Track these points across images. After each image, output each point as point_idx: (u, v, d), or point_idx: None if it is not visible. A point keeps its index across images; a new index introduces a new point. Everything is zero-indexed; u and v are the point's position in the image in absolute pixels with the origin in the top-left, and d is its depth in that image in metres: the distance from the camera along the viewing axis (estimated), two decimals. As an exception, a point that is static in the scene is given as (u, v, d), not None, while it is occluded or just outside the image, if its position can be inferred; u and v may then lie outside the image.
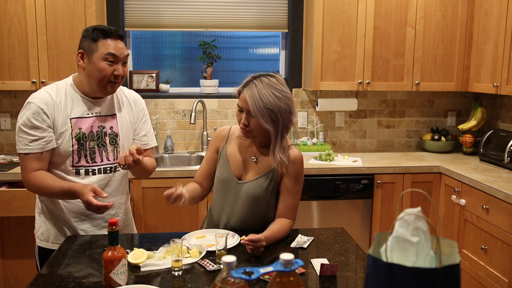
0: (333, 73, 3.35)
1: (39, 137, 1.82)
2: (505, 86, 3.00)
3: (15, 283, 2.97)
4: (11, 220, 2.90)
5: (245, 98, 1.77)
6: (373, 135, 3.83)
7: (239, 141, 1.96)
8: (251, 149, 1.93)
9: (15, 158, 3.27)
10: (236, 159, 1.93)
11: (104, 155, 1.96)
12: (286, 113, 1.79)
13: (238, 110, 1.83)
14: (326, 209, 3.15)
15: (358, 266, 1.67)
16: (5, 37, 3.02)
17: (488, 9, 3.20)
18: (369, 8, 3.30)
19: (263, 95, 1.74)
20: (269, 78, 1.79)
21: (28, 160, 1.84)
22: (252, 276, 1.04)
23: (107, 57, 1.84)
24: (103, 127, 1.95)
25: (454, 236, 2.98)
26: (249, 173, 1.91)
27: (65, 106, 1.88)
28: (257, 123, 1.77)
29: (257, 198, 1.88)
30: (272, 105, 1.75)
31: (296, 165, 1.89)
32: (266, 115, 1.75)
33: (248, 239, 1.65)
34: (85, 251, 1.78)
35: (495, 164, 3.16)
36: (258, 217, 1.92)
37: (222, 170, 1.94)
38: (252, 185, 1.88)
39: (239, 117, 1.83)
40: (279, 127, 1.80)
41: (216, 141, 2.01)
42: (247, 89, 1.78)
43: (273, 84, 1.78)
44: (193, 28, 3.62)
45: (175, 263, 1.56)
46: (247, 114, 1.79)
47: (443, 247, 1.01)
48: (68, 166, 1.90)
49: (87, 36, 1.86)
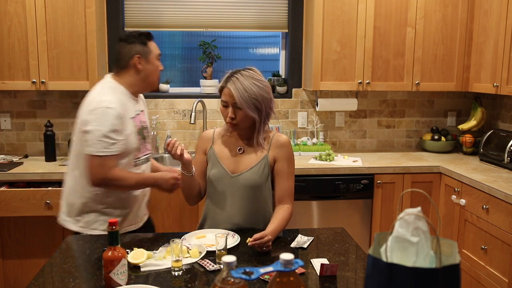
0: (333, 73, 3.35)
1: (120, 140, 1.98)
2: (505, 86, 3.00)
3: (15, 283, 2.97)
4: (11, 220, 2.90)
5: (229, 92, 1.87)
6: (373, 135, 3.83)
7: (224, 138, 2.04)
8: (237, 143, 2.00)
9: (15, 158, 3.27)
10: (225, 155, 1.99)
11: (145, 146, 2.18)
12: (268, 100, 1.92)
13: (223, 106, 1.92)
14: (326, 209, 3.15)
15: (358, 266, 1.67)
16: (5, 37, 3.02)
17: (488, 9, 3.20)
18: (369, 8, 3.30)
19: (246, 86, 1.86)
20: (248, 71, 1.92)
21: (108, 160, 1.96)
22: (252, 276, 1.04)
23: (158, 57, 2.13)
24: (143, 121, 2.17)
25: (454, 236, 2.98)
26: (241, 166, 1.96)
27: (127, 107, 2.06)
28: (244, 114, 1.87)
29: (256, 186, 1.94)
30: (255, 94, 1.87)
31: (286, 148, 1.98)
32: (251, 104, 1.86)
33: (253, 239, 1.68)
34: (85, 251, 1.78)
35: (495, 164, 3.16)
36: (258, 208, 1.96)
37: (214, 168, 1.98)
38: (248, 175, 1.94)
39: (225, 112, 1.92)
40: (263, 115, 1.92)
41: (202, 143, 2.07)
42: (230, 83, 1.88)
43: (252, 75, 1.90)
44: (193, 28, 3.62)
45: (175, 263, 1.56)
46: (233, 107, 1.88)
47: (443, 247, 1.01)
48: (131, 160, 2.08)
49: (136, 42, 2.07)
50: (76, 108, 3.46)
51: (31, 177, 2.91)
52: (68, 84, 3.12)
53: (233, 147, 2.00)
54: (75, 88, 3.14)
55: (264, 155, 1.96)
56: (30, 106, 3.44)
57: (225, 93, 1.89)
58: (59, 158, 3.29)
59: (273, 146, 1.97)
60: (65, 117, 3.48)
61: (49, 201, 2.78)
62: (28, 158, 3.35)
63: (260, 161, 1.95)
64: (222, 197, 1.96)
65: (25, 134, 3.47)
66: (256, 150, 1.97)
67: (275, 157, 1.96)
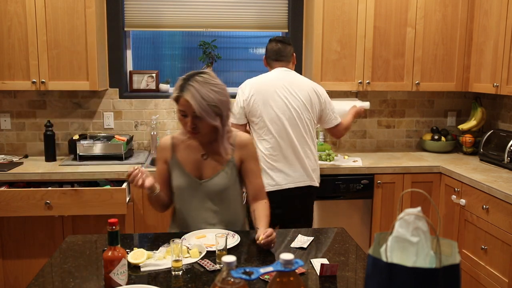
0: (333, 73, 3.35)
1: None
2: (505, 86, 3.00)
3: (15, 283, 2.97)
4: (11, 220, 2.90)
5: (186, 102, 1.76)
6: (373, 135, 3.83)
7: (185, 144, 1.96)
8: (199, 148, 1.94)
9: (15, 158, 3.27)
10: (189, 162, 1.93)
11: None
12: (226, 104, 1.85)
13: (181, 115, 1.82)
14: (326, 209, 3.15)
15: (358, 266, 1.67)
16: (5, 37, 3.02)
17: (488, 9, 3.21)
18: (369, 8, 3.30)
19: (203, 94, 1.76)
20: (202, 76, 1.81)
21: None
22: (252, 276, 1.04)
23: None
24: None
25: (454, 236, 2.98)
26: (208, 171, 1.93)
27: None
28: (205, 123, 1.80)
29: (225, 189, 1.92)
30: (214, 101, 1.78)
31: (250, 147, 1.98)
32: (211, 112, 1.78)
33: (265, 237, 1.71)
34: (85, 251, 1.78)
35: (495, 164, 3.16)
36: (229, 209, 1.96)
37: (180, 177, 1.93)
38: (217, 180, 1.91)
39: (183, 122, 1.83)
40: (224, 119, 1.85)
41: (162, 154, 1.97)
42: (186, 93, 1.76)
43: (207, 80, 1.80)
44: (193, 28, 3.62)
45: (175, 263, 1.56)
46: (193, 117, 1.79)
47: (443, 247, 1.01)
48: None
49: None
50: (76, 108, 3.49)
51: (31, 177, 2.91)
52: (68, 84, 3.12)
53: (196, 153, 1.94)
54: (75, 88, 3.15)
55: (229, 157, 1.92)
56: (30, 106, 3.44)
57: (182, 103, 1.78)
58: (59, 158, 3.29)
59: (237, 147, 1.94)
60: (65, 117, 3.48)
61: (49, 201, 2.78)
62: (28, 158, 3.35)
63: (226, 164, 1.92)
64: (192, 203, 1.93)
65: (25, 134, 3.47)
66: (220, 153, 1.91)
67: (241, 157, 1.95)
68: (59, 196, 2.79)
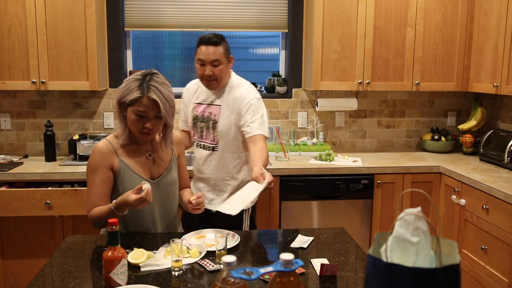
0: (333, 73, 3.35)
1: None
2: (505, 86, 3.00)
3: (15, 283, 2.97)
4: (11, 220, 2.90)
5: (150, 102, 1.77)
6: (373, 135, 3.83)
7: (128, 148, 1.91)
8: (141, 149, 1.95)
9: (15, 158, 3.27)
10: (137, 164, 1.91)
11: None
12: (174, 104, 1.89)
13: (139, 116, 1.79)
14: (326, 209, 3.15)
15: (358, 266, 1.67)
16: (5, 37, 3.02)
17: (488, 9, 3.20)
18: (369, 8, 3.30)
19: (165, 94, 1.80)
20: (158, 76, 1.84)
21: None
22: (252, 276, 1.04)
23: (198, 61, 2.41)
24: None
25: (454, 236, 2.98)
26: (158, 169, 1.97)
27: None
28: (162, 123, 1.86)
29: (175, 183, 2.02)
30: (172, 101, 1.85)
31: (182, 144, 2.13)
32: (171, 112, 1.85)
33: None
34: (85, 251, 1.78)
35: (495, 164, 3.16)
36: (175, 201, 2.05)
37: (133, 181, 1.86)
38: (169, 175, 1.98)
39: (139, 123, 1.80)
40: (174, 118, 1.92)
41: (105, 159, 1.87)
42: (152, 93, 1.76)
43: (163, 81, 1.84)
44: (193, 28, 3.62)
45: (175, 263, 1.56)
46: (154, 118, 1.81)
47: (443, 247, 1.01)
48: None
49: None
50: (75, 108, 3.49)
51: (31, 177, 2.91)
52: (68, 84, 3.12)
53: (141, 154, 1.93)
54: (75, 88, 3.15)
55: (171, 152, 2.02)
56: (30, 106, 3.44)
57: (145, 103, 1.76)
58: (59, 158, 3.29)
59: (174, 143, 2.04)
60: (65, 117, 3.48)
61: (49, 201, 2.78)
62: (28, 158, 3.35)
63: (171, 159, 2.01)
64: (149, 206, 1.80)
65: (25, 134, 3.47)
66: (162, 150, 1.98)
67: (178, 153, 2.07)
68: (59, 196, 2.79)
